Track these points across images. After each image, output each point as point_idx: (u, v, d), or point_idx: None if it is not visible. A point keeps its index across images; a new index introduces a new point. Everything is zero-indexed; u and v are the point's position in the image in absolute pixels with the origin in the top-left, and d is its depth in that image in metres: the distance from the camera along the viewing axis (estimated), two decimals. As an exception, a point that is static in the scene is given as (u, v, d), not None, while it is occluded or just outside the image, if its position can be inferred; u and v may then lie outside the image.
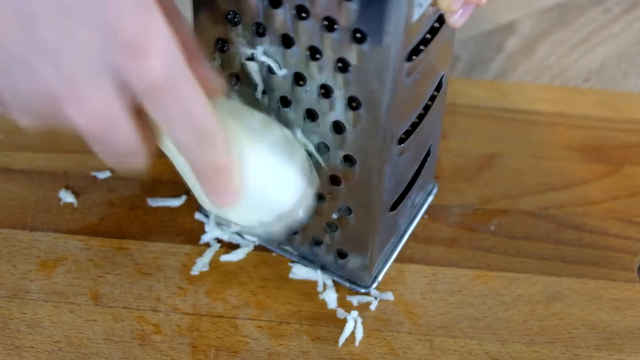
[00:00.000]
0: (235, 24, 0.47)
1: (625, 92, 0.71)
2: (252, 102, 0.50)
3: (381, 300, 0.56)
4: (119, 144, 0.39)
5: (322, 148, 0.50)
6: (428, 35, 0.47)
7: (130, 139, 0.39)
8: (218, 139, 0.42)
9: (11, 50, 0.35)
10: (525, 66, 0.73)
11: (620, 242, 0.60)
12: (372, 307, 0.55)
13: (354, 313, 0.55)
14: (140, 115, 0.40)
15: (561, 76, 0.72)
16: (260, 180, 0.46)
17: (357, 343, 0.54)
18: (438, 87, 0.53)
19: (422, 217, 0.60)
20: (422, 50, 0.47)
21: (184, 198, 0.60)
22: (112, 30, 0.36)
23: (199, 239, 0.59)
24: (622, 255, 0.59)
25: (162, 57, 0.37)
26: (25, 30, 0.35)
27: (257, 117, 0.48)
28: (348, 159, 0.49)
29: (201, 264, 0.57)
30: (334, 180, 0.51)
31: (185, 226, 0.59)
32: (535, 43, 0.75)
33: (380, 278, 0.57)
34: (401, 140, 0.50)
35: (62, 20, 0.35)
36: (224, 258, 0.57)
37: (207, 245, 0.58)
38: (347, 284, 0.56)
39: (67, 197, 0.60)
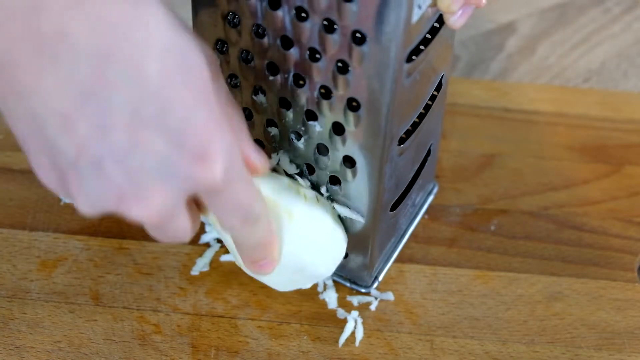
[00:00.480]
0: (235, 25, 0.47)
1: (625, 92, 0.71)
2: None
3: (381, 300, 0.56)
4: (173, 231, 0.43)
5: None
6: (428, 36, 0.47)
7: (184, 227, 0.43)
8: (262, 219, 0.46)
9: (84, 149, 0.38)
10: (525, 66, 0.73)
11: (620, 242, 0.60)
12: (373, 307, 0.55)
13: (354, 313, 0.55)
14: (193, 199, 0.43)
15: (561, 76, 0.72)
16: (298, 250, 0.50)
17: (357, 343, 0.54)
18: (438, 87, 0.53)
19: (423, 217, 0.60)
20: (422, 50, 0.47)
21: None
22: (180, 139, 0.38)
23: (199, 238, 0.59)
24: (622, 255, 0.59)
25: (222, 165, 0.40)
26: (102, 136, 0.37)
27: (292, 187, 0.51)
28: (348, 160, 0.49)
29: (201, 264, 0.57)
30: (334, 180, 0.51)
31: (186, 226, 0.59)
32: (535, 43, 0.75)
33: (380, 278, 0.57)
34: (401, 141, 0.50)
35: (136, 128, 0.38)
36: (224, 258, 0.57)
37: (207, 245, 0.58)
38: (348, 284, 0.56)
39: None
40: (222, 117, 0.40)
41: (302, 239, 0.50)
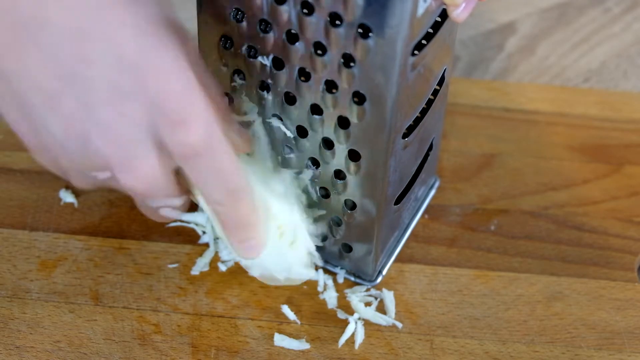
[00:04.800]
0: (240, 21, 0.47)
1: (625, 92, 0.71)
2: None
3: (381, 300, 0.56)
4: (161, 198, 0.45)
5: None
6: (430, 30, 0.48)
7: (171, 197, 0.45)
8: (246, 196, 0.47)
9: (70, 126, 0.40)
10: (525, 66, 0.73)
11: (620, 242, 0.60)
12: (373, 307, 0.55)
13: (356, 315, 0.55)
14: (178, 173, 0.45)
15: (561, 76, 0.72)
16: (281, 245, 0.50)
17: (357, 345, 0.54)
18: (440, 81, 0.53)
19: (423, 217, 0.60)
20: (426, 44, 0.47)
21: (184, 198, 0.60)
22: (158, 106, 0.41)
23: (198, 238, 0.59)
24: (622, 255, 0.59)
25: (201, 127, 0.42)
26: (84, 109, 0.40)
27: (275, 175, 0.52)
28: (353, 154, 0.49)
29: (201, 264, 0.57)
30: (339, 175, 0.51)
31: (185, 226, 0.59)
32: (535, 43, 0.75)
33: (384, 272, 0.57)
34: (405, 134, 0.50)
35: (117, 100, 0.40)
36: (225, 257, 0.57)
37: (207, 245, 0.58)
38: (352, 278, 0.57)
39: (67, 197, 0.60)
40: (198, 87, 0.42)
41: (287, 228, 0.51)
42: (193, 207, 0.57)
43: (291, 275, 0.52)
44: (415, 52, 0.46)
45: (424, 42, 0.47)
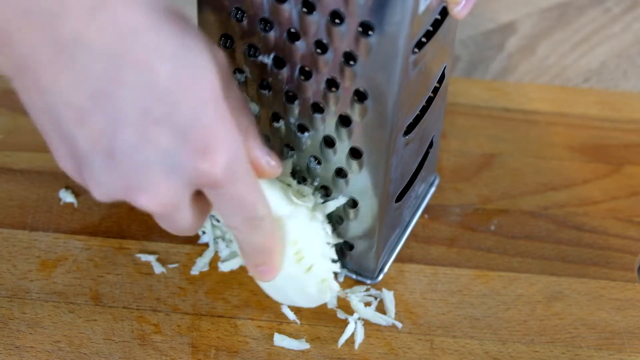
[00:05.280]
0: (240, 20, 0.47)
1: (625, 92, 0.71)
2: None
3: (381, 300, 0.56)
4: (177, 223, 0.45)
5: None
6: (430, 28, 0.48)
7: (189, 219, 0.45)
8: (266, 223, 0.47)
9: (97, 141, 0.40)
10: (525, 66, 0.73)
11: (620, 242, 0.60)
12: (373, 307, 0.55)
13: (356, 315, 0.55)
14: (199, 193, 0.44)
15: (561, 76, 0.72)
16: (297, 270, 0.51)
17: (356, 345, 0.54)
18: (440, 79, 0.53)
19: (423, 217, 0.60)
20: (427, 41, 0.47)
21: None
22: (185, 135, 0.41)
23: (198, 238, 0.59)
24: (622, 255, 0.59)
25: (226, 158, 0.42)
26: (114, 130, 0.40)
27: (299, 198, 0.52)
28: (355, 152, 0.49)
29: (201, 264, 0.57)
30: (340, 173, 0.51)
31: (185, 226, 0.59)
32: (535, 43, 0.75)
33: (386, 269, 0.57)
34: (406, 132, 0.50)
35: (145, 125, 0.40)
36: (222, 268, 0.57)
37: (207, 245, 0.58)
38: (354, 276, 0.57)
39: (67, 197, 0.60)
40: (228, 116, 0.42)
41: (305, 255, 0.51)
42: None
43: (305, 300, 0.53)
44: (415, 50, 0.46)
45: (423, 39, 0.47)
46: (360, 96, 0.47)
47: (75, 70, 0.39)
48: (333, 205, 0.52)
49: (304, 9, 0.45)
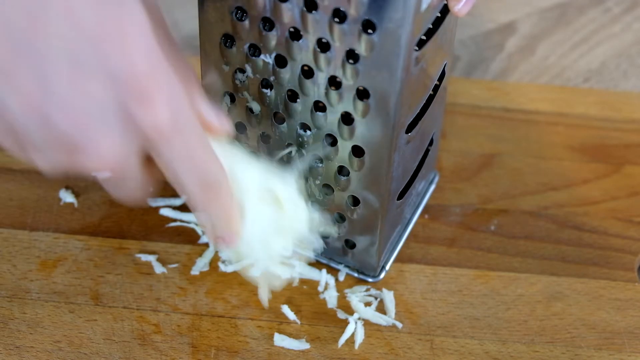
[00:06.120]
0: (241, 20, 0.47)
1: (625, 92, 0.71)
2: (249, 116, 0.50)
3: (381, 300, 0.56)
4: (127, 185, 0.42)
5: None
6: (430, 26, 0.48)
7: (137, 181, 0.42)
8: (222, 186, 0.44)
9: (29, 105, 0.38)
10: (525, 66, 0.73)
11: (620, 242, 0.60)
12: (373, 307, 0.55)
13: (356, 315, 0.55)
14: (149, 161, 0.42)
15: (561, 76, 0.72)
16: (258, 228, 0.48)
17: (357, 345, 0.54)
18: (441, 77, 0.53)
19: (423, 217, 0.60)
20: (429, 39, 0.47)
21: (184, 198, 0.60)
22: (121, 81, 0.38)
23: (198, 238, 0.59)
24: (622, 255, 0.59)
25: (167, 103, 0.39)
26: (42, 86, 0.37)
27: (257, 165, 0.49)
28: (357, 150, 0.49)
29: (201, 264, 0.57)
30: (343, 171, 0.51)
31: (185, 226, 0.59)
32: (535, 43, 0.75)
33: (387, 268, 0.57)
34: (408, 129, 0.50)
35: (77, 76, 0.38)
36: (223, 268, 0.57)
37: (207, 245, 0.58)
38: (356, 274, 0.57)
39: (67, 197, 0.60)
40: (164, 61, 0.40)
41: (263, 218, 0.48)
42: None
43: (268, 268, 0.51)
44: (417, 47, 0.46)
45: (424, 37, 0.47)
46: (362, 94, 0.47)
47: None
48: (301, 162, 0.51)
49: (308, 6, 0.45)
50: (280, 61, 0.48)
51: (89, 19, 0.37)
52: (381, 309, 0.56)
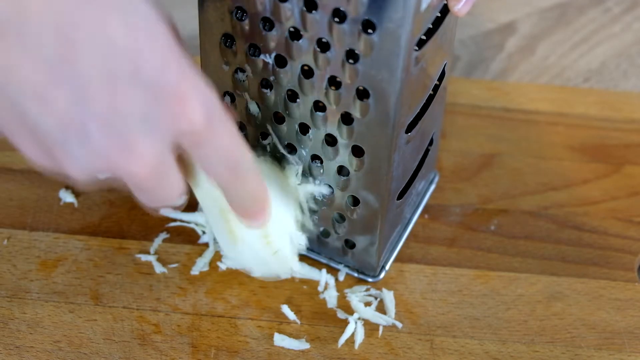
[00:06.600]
0: (241, 20, 0.47)
1: (625, 92, 0.71)
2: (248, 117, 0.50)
3: (381, 300, 0.56)
4: (168, 187, 0.43)
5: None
6: (430, 25, 0.48)
7: (178, 181, 0.43)
8: (252, 170, 0.45)
9: (68, 123, 0.39)
10: (525, 66, 0.73)
11: (620, 242, 0.60)
12: (373, 307, 0.55)
13: (356, 315, 0.55)
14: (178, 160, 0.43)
15: (561, 76, 0.72)
16: (265, 249, 0.50)
17: (357, 345, 0.54)
18: (441, 77, 0.53)
19: (423, 217, 0.60)
20: (429, 39, 0.47)
21: (184, 198, 0.60)
22: (156, 89, 0.39)
23: (198, 238, 0.59)
24: (622, 255, 0.59)
25: (203, 106, 0.41)
26: (81, 102, 0.38)
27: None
28: (356, 150, 0.49)
29: (201, 264, 0.57)
30: (343, 171, 0.51)
31: (186, 226, 0.59)
32: (535, 43, 0.75)
33: (387, 268, 0.57)
34: (408, 129, 0.50)
35: (113, 88, 0.38)
36: (222, 266, 0.57)
37: (207, 245, 0.58)
38: (356, 274, 0.57)
39: (67, 197, 0.60)
40: (192, 65, 0.41)
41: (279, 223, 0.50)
42: (193, 207, 0.57)
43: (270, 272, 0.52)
44: (417, 47, 0.46)
45: (423, 37, 0.47)
46: (362, 94, 0.47)
47: (24, 46, 0.37)
48: (310, 188, 0.52)
49: (308, 6, 0.45)
50: (280, 61, 0.48)
51: (120, 34, 0.38)
52: (381, 308, 0.56)
